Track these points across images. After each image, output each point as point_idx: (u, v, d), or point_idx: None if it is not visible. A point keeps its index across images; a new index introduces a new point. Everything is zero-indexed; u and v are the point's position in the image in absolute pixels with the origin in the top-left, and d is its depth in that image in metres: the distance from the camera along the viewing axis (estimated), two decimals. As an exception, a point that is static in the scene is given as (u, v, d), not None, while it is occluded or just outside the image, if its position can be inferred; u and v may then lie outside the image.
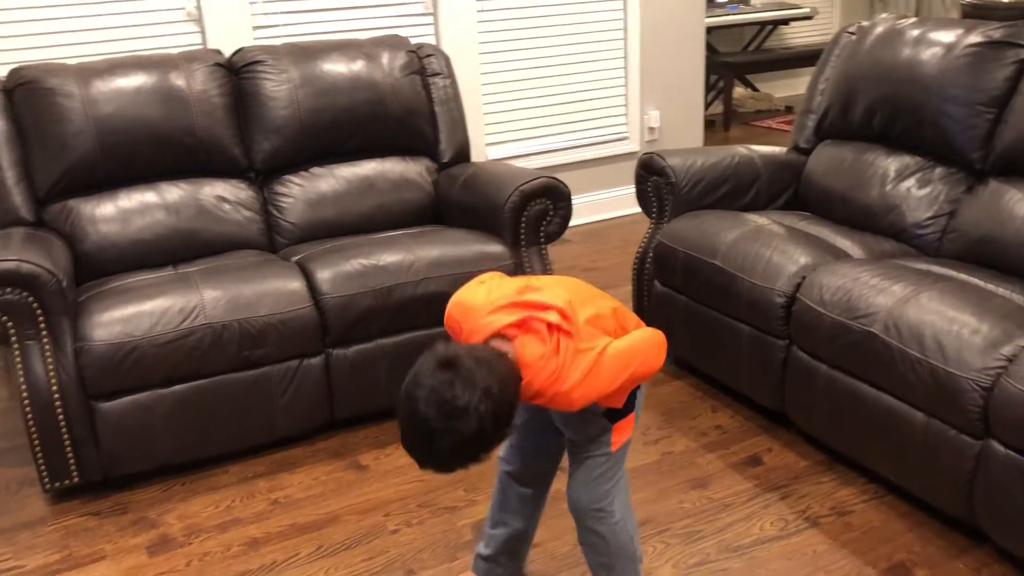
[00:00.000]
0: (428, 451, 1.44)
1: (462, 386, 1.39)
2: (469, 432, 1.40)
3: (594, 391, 1.53)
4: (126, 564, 2.12)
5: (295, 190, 3.00)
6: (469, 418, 1.39)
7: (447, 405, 1.39)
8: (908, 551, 2.04)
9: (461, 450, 1.43)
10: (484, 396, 1.40)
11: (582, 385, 1.50)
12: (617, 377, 1.54)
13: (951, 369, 1.95)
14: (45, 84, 2.70)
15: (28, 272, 2.21)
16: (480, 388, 1.40)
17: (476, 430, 1.40)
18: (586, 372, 1.50)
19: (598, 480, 1.70)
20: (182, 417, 2.39)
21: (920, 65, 2.69)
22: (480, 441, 1.43)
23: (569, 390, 1.50)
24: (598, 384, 1.52)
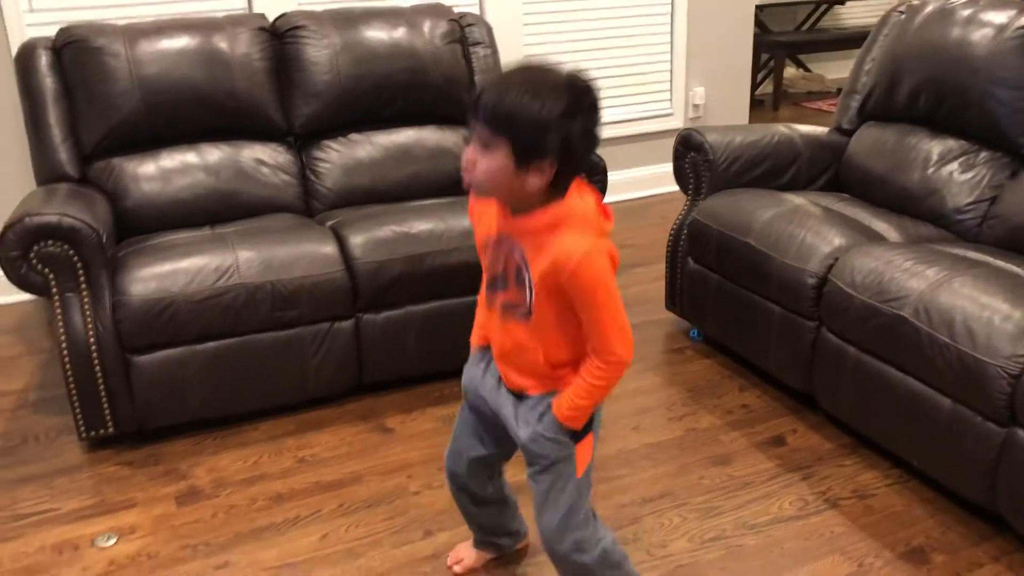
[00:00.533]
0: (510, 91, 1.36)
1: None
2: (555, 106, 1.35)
3: (603, 300, 1.45)
4: (155, 512, 2.19)
5: (333, 156, 3.04)
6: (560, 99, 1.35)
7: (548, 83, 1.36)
8: (927, 536, 2.02)
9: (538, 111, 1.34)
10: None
11: (599, 278, 1.43)
12: (610, 328, 1.47)
13: (979, 355, 1.92)
14: (93, 43, 2.76)
15: (69, 226, 2.27)
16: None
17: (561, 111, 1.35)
18: (606, 275, 1.43)
19: (570, 513, 1.61)
20: (214, 373, 2.44)
21: (969, 46, 2.62)
22: (556, 124, 1.35)
23: (591, 262, 1.41)
24: (606, 300, 1.45)
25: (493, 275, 1.57)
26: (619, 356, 1.49)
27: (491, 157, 1.38)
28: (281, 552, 2.03)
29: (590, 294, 1.44)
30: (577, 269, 1.41)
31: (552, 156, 1.37)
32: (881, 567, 1.93)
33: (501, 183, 1.40)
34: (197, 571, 1.98)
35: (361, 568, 1.97)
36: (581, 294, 1.44)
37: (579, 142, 1.39)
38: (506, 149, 1.36)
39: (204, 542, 2.07)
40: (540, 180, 1.39)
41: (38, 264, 2.28)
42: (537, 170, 1.38)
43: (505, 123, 1.35)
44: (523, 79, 1.38)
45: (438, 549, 2.02)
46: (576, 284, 1.42)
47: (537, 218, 1.44)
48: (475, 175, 1.41)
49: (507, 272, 1.52)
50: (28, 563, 2.02)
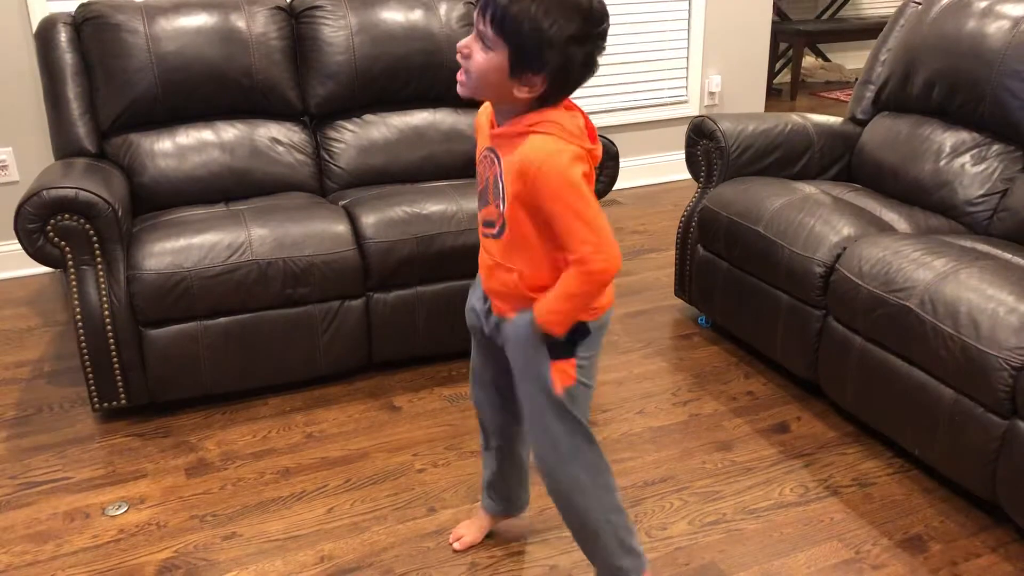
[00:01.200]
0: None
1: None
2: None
3: (570, 202, 1.40)
4: (165, 483, 2.23)
5: (347, 136, 3.06)
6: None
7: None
8: (926, 525, 2.04)
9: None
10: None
11: (564, 179, 1.39)
12: (581, 225, 1.41)
13: (982, 346, 1.93)
14: (112, 20, 2.79)
15: (85, 200, 2.31)
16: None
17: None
18: (573, 173, 1.39)
19: (557, 444, 1.60)
20: (226, 349, 2.48)
21: (984, 38, 2.61)
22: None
23: (554, 163, 1.39)
24: (573, 201, 1.40)
25: (480, 191, 1.56)
26: (598, 264, 1.42)
27: (488, 56, 1.38)
28: (287, 524, 2.07)
29: (556, 198, 1.40)
30: (540, 170, 1.38)
31: (547, 74, 1.37)
32: (878, 554, 1.95)
33: (490, 83, 1.40)
34: (205, 541, 2.02)
35: (365, 542, 2.00)
36: (549, 198, 1.40)
37: (578, 68, 1.39)
38: (504, 53, 1.36)
39: (212, 513, 2.11)
40: (529, 93, 1.40)
41: (55, 237, 2.31)
42: (528, 83, 1.38)
43: (511, 29, 1.34)
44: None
45: (441, 525, 2.05)
46: (540, 188, 1.40)
47: (515, 125, 1.43)
48: (468, 67, 1.41)
49: (487, 185, 1.51)
50: (40, 530, 2.07)
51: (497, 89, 1.41)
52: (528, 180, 1.41)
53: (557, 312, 1.49)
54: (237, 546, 2.00)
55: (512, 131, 1.44)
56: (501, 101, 1.45)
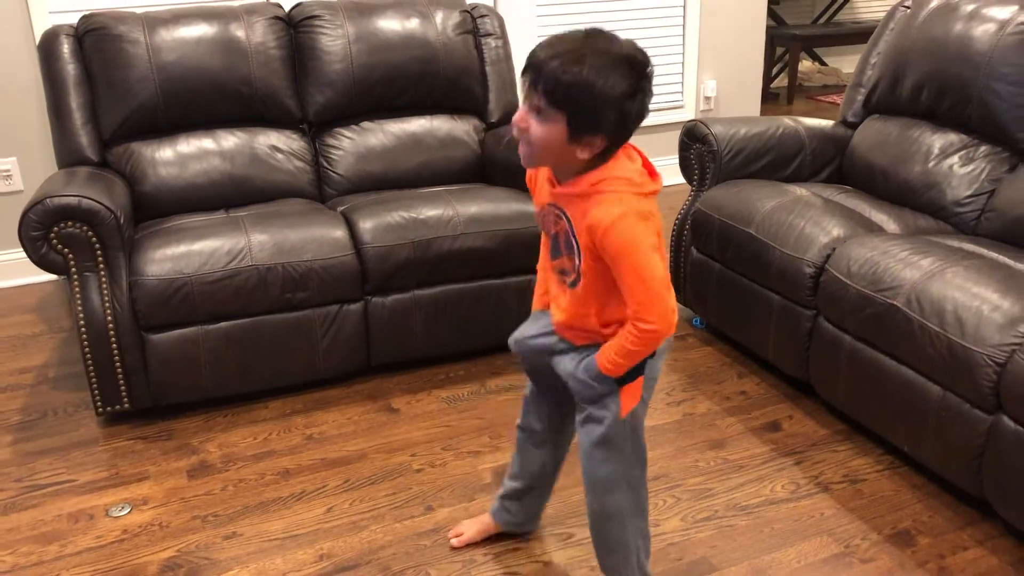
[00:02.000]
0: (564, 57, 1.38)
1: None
2: (613, 83, 1.38)
3: (636, 264, 1.46)
4: (167, 485, 2.27)
5: (345, 143, 3.10)
6: (617, 77, 1.38)
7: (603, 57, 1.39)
8: (915, 520, 2.07)
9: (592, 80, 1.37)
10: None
11: (632, 240, 1.44)
12: (645, 283, 1.46)
13: (967, 344, 1.96)
14: (113, 31, 2.84)
15: (88, 208, 2.35)
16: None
17: (620, 90, 1.39)
18: (638, 237, 1.44)
19: (606, 454, 1.65)
20: (226, 353, 2.52)
21: (971, 41, 2.66)
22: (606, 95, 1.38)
23: (622, 225, 1.43)
24: (639, 264, 1.45)
25: (550, 241, 1.62)
26: (651, 324, 1.48)
27: (545, 126, 1.41)
28: (287, 524, 2.11)
29: (621, 258, 1.45)
30: (607, 232, 1.43)
31: (605, 133, 1.42)
32: (867, 548, 1.98)
33: (552, 152, 1.44)
34: (206, 540, 2.06)
35: (363, 540, 2.04)
36: (613, 258, 1.46)
37: (633, 120, 1.44)
38: (562, 121, 1.40)
39: (213, 513, 2.15)
40: (590, 152, 1.44)
41: (58, 244, 2.36)
42: (589, 144, 1.42)
43: (566, 96, 1.37)
44: (589, 51, 1.38)
45: (438, 524, 2.09)
46: (607, 247, 1.45)
47: (579, 184, 1.47)
48: (529, 140, 1.44)
49: (558, 239, 1.57)
50: (45, 531, 2.11)
51: (560, 155, 1.45)
52: (596, 240, 1.46)
53: (616, 363, 1.56)
54: (238, 545, 2.04)
55: (576, 191, 1.48)
56: (563, 167, 1.49)
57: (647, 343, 1.53)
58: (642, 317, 1.49)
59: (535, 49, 1.42)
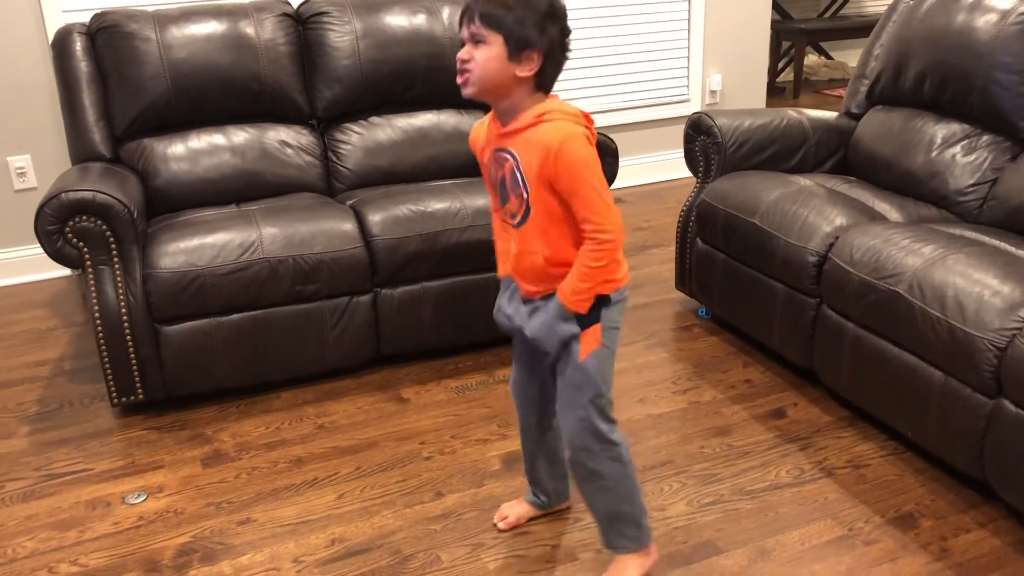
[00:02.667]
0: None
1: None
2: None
3: (588, 180, 1.57)
4: (182, 473, 2.31)
5: (354, 138, 3.14)
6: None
7: None
8: (918, 503, 2.10)
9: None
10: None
11: (583, 157, 1.56)
12: (597, 209, 1.57)
13: (968, 329, 1.99)
14: (125, 28, 2.88)
15: (102, 202, 2.40)
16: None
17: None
18: (589, 154, 1.57)
19: (576, 395, 1.72)
20: (239, 344, 2.56)
21: (973, 31, 2.68)
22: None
23: (572, 143, 1.55)
24: (591, 179, 1.57)
25: (498, 190, 1.70)
26: (608, 233, 1.59)
27: (485, 49, 1.55)
28: (300, 510, 2.15)
29: (574, 173, 1.57)
30: (560, 150, 1.55)
31: (538, 49, 1.56)
32: (870, 531, 2.02)
33: (495, 72, 1.56)
34: (220, 526, 2.10)
35: (374, 525, 2.08)
36: (566, 175, 1.57)
37: (558, 42, 1.59)
38: (499, 41, 1.55)
39: (227, 500, 2.20)
40: (528, 70, 1.57)
41: (73, 238, 2.40)
42: (527, 59, 1.56)
43: (498, 19, 1.54)
44: None
45: (447, 509, 2.13)
46: (561, 165, 1.56)
47: (523, 118, 1.60)
48: (472, 68, 1.56)
49: (504, 181, 1.66)
50: (64, 517, 2.16)
51: (500, 76, 1.57)
52: (549, 161, 1.56)
53: (578, 291, 1.65)
54: (252, 530, 2.08)
55: (524, 124, 1.60)
56: (505, 92, 1.59)
57: (606, 255, 1.61)
58: (601, 228, 1.59)
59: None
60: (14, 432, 2.52)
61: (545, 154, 1.56)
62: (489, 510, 2.11)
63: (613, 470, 1.78)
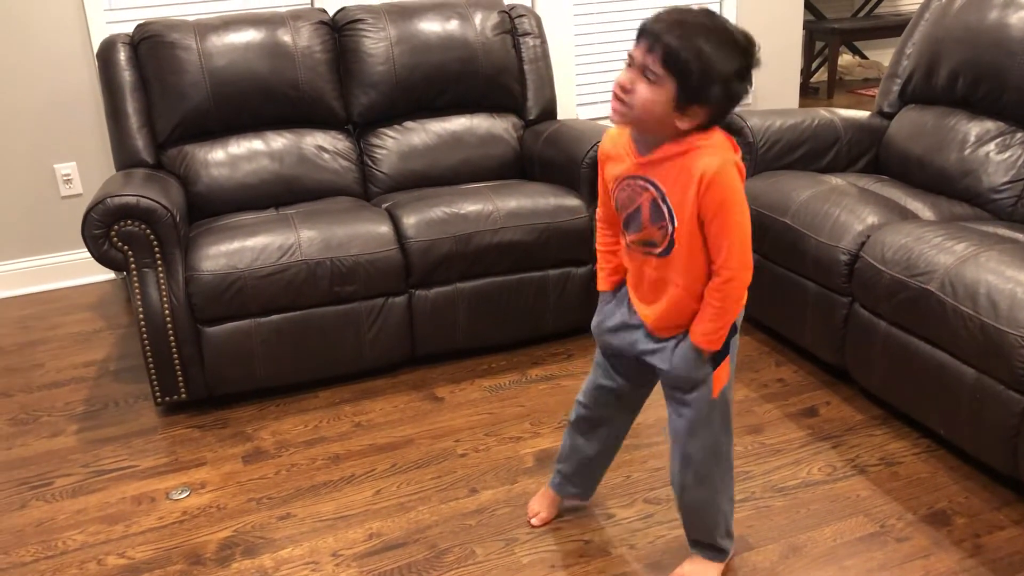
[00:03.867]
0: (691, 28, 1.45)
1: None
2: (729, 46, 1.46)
3: (734, 214, 1.52)
4: (224, 470, 2.38)
5: (389, 142, 3.20)
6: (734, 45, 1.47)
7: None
8: (951, 501, 2.10)
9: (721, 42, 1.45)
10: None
11: (734, 190, 1.50)
12: (743, 243, 1.55)
13: (1001, 325, 1.99)
14: (167, 38, 2.96)
15: (146, 207, 2.47)
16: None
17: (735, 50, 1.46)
18: (740, 189, 1.51)
19: (714, 448, 1.75)
20: (278, 344, 2.62)
21: (1006, 28, 2.67)
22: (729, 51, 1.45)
23: (727, 173, 1.49)
24: (737, 215, 1.52)
25: (627, 215, 1.65)
26: (734, 272, 1.56)
27: (653, 89, 1.46)
28: (338, 505, 2.20)
29: (722, 204, 1.50)
30: (714, 179, 1.48)
31: (711, 106, 1.47)
32: (903, 528, 2.02)
33: (654, 116, 1.48)
34: (261, 521, 2.16)
35: (411, 520, 2.13)
36: (714, 205, 1.50)
37: (736, 98, 1.50)
38: (671, 88, 1.45)
39: (268, 496, 2.25)
40: (690, 123, 1.49)
41: (118, 241, 2.48)
42: (692, 114, 1.47)
43: (682, 63, 1.43)
44: (709, 27, 1.46)
45: (482, 505, 2.17)
46: (711, 196, 1.49)
47: (670, 148, 1.52)
48: (631, 100, 1.48)
49: (640, 210, 1.61)
50: (111, 512, 2.23)
51: (659, 120, 1.49)
52: (700, 188, 1.50)
53: (713, 332, 1.63)
54: (291, 525, 2.14)
55: (671, 152, 1.53)
56: (658, 131, 1.52)
57: (730, 294, 1.59)
58: (728, 265, 1.56)
59: (655, 16, 1.47)
60: (63, 430, 2.61)
61: (699, 180, 1.49)
62: (523, 506, 2.15)
63: (727, 477, 1.83)
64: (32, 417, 2.69)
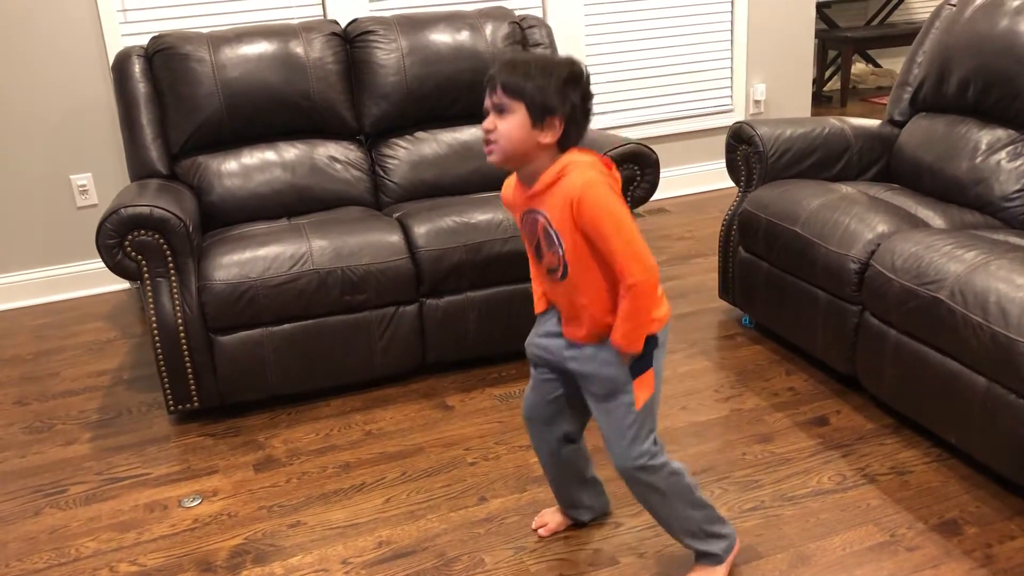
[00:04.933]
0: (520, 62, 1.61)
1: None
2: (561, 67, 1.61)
3: (611, 224, 1.60)
4: (235, 478, 2.39)
5: (400, 152, 3.22)
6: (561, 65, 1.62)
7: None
8: (962, 510, 2.09)
9: (549, 70, 1.60)
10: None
11: (604, 201, 1.59)
12: (628, 247, 1.61)
13: (1011, 334, 1.98)
14: (181, 50, 3.00)
15: (160, 217, 2.50)
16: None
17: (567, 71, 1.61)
18: (610, 200, 1.60)
19: (633, 440, 1.76)
20: (289, 353, 2.64)
21: (1017, 36, 2.67)
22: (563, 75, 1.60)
23: (592, 188, 1.58)
24: (614, 224, 1.60)
25: (533, 248, 1.75)
26: (636, 278, 1.62)
27: (509, 118, 1.60)
28: (348, 513, 2.21)
29: (597, 220, 1.60)
30: (581, 198, 1.59)
31: (560, 115, 1.60)
32: (913, 537, 2.01)
33: (519, 140, 1.60)
34: (272, 528, 2.17)
35: (420, 528, 2.14)
36: (590, 221, 1.60)
37: (579, 107, 1.63)
38: (522, 110, 1.59)
39: (279, 504, 2.27)
40: (552, 136, 1.61)
41: (132, 251, 2.51)
42: (549, 126, 1.60)
43: (520, 88, 1.59)
44: (531, 56, 1.72)
45: (491, 513, 2.18)
46: (583, 214, 1.60)
47: (546, 177, 1.64)
48: (496, 137, 1.61)
49: (540, 240, 1.71)
50: (124, 519, 2.25)
51: (524, 143, 1.61)
52: (573, 210, 1.61)
53: (628, 333, 1.68)
54: (302, 533, 2.15)
55: (545, 184, 1.64)
56: (528, 159, 1.64)
57: (641, 296, 1.64)
58: (627, 272, 1.62)
59: (492, 68, 1.64)
60: (77, 438, 2.63)
61: (569, 204, 1.60)
62: (531, 515, 2.15)
63: (671, 484, 1.81)
64: (47, 425, 2.72)
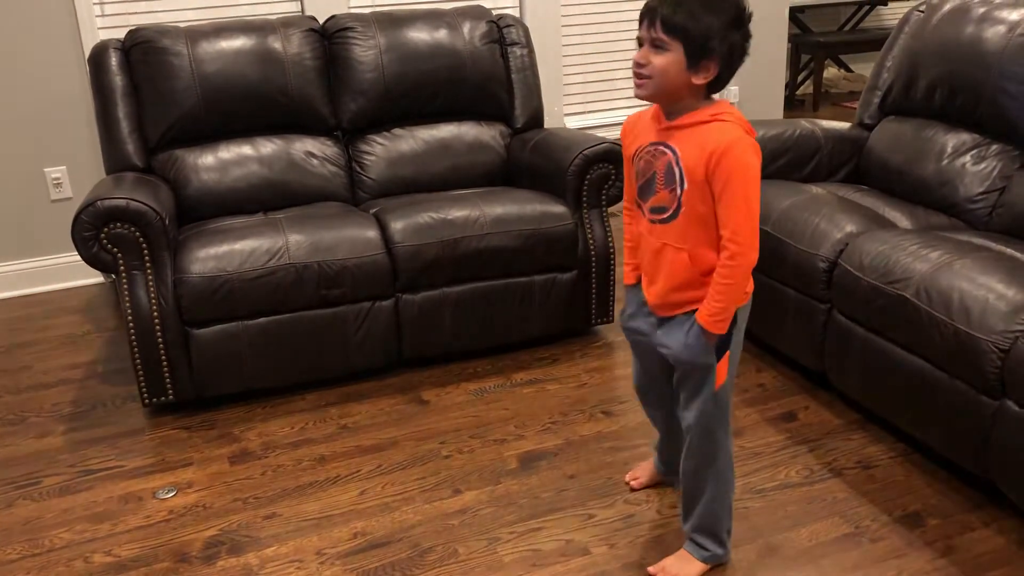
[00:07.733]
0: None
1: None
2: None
3: (742, 188, 1.61)
4: (210, 470, 2.40)
5: (377, 149, 3.24)
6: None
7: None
8: (924, 503, 2.15)
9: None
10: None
11: (746, 166, 1.60)
12: (752, 216, 1.64)
13: (973, 331, 2.04)
14: (158, 44, 3.00)
15: (136, 209, 2.50)
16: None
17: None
18: (752, 166, 1.61)
19: (709, 415, 1.82)
20: (265, 347, 2.65)
21: (982, 42, 2.73)
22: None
23: (739, 147, 1.59)
24: (745, 190, 1.61)
25: (643, 183, 1.75)
26: (740, 247, 1.64)
27: (665, 56, 1.59)
28: (323, 505, 2.23)
29: (732, 178, 1.60)
30: (726, 152, 1.59)
31: (717, 59, 1.59)
32: (877, 529, 2.06)
33: (671, 78, 1.60)
34: (247, 520, 2.18)
35: (395, 520, 2.16)
36: (723, 177, 1.60)
37: (738, 50, 1.62)
38: (679, 49, 1.58)
39: (254, 496, 2.28)
40: (705, 78, 1.61)
41: (108, 244, 2.51)
42: (704, 69, 1.60)
43: (681, 26, 1.57)
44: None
45: (465, 505, 2.20)
46: (721, 168, 1.60)
47: (694, 116, 1.64)
48: (651, 72, 1.61)
49: (656, 175, 1.71)
50: (98, 511, 2.25)
51: (676, 82, 1.61)
52: (713, 159, 1.61)
53: (715, 312, 1.70)
54: (277, 524, 2.17)
55: (693, 120, 1.64)
56: (677, 97, 1.64)
57: (738, 270, 1.66)
58: (737, 241, 1.64)
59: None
60: (51, 431, 2.63)
61: (712, 152, 1.60)
62: (506, 506, 2.18)
63: (728, 473, 1.89)
64: (20, 418, 2.71)
